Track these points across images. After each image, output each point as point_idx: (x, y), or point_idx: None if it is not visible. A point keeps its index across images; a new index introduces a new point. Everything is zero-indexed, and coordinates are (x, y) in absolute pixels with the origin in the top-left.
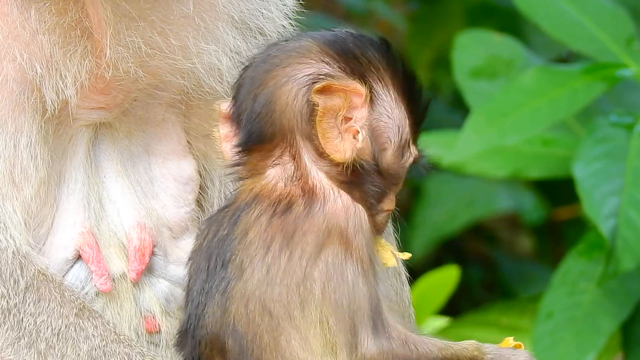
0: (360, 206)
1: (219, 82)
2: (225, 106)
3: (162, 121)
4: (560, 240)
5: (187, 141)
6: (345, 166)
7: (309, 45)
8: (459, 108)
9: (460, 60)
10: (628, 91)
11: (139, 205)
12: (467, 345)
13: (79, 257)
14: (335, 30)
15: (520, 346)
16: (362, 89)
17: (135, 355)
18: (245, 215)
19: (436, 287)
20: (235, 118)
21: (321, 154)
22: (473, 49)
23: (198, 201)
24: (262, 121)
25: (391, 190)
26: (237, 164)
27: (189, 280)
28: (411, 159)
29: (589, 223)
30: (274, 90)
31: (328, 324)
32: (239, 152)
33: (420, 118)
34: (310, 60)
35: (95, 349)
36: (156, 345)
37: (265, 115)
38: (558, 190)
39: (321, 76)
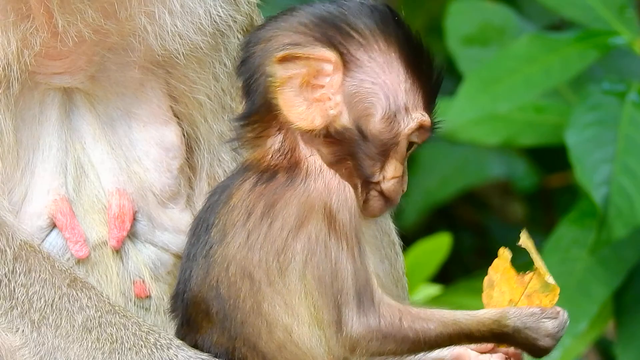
0: (345, 182)
1: (180, 44)
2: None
3: (140, 85)
4: (552, 207)
5: (170, 106)
6: (323, 135)
7: (295, 16)
8: (452, 75)
9: (453, 27)
10: (620, 59)
11: (119, 171)
12: (484, 318)
13: (55, 226)
14: (335, 1)
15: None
16: (330, 55)
17: (132, 325)
18: (233, 182)
19: (428, 255)
20: (243, 90)
21: None
22: (466, 15)
23: (183, 169)
24: (254, 94)
25: (391, 157)
26: (238, 137)
27: (185, 247)
28: (412, 124)
29: (581, 190)
30: (257, 64)
31: (313, 297)
32: (241, 124)
33: (428, 84)
34: (289, 32)
35: (91, 320)
36: (146, 309)
37: (255, 88)
38: (550, 157)
39: (287, 45)
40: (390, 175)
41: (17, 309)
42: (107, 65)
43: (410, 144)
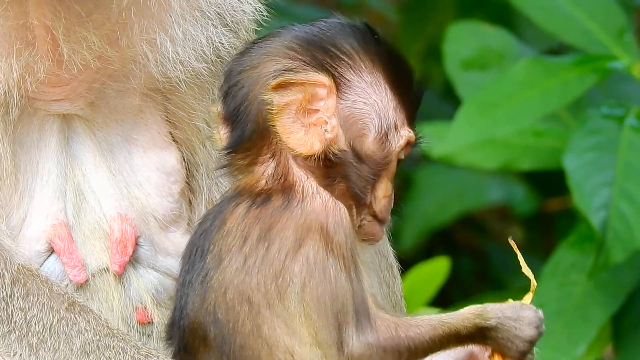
0: (340, 203)
1: (180, 72)
2: (218, 107)
3: (139, 111)
4: (550, 231)
5: (169, 131)
6: (319, 158)
7: (279, 41)
8: (450, 99)
9: (451, 51)
10: (619, 83)
11: (120, 196)
12: (467, 314)
13: (53, 251)
14: (313, 22)
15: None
16: (324, 79)
17: (130, 349)
18: (226, 207)
19: (427, 278)
20: (227, 119)
21: None
22: (464, 40)
23: (184, 192)
24: (244, 121)
25: (382, 176)
26: (228, 164)
27: (179, 274)
28: (402, 142)
29: (580, 215)
30: (247, 91)
31: (312, 319)
32: (229, 152)
33: (411, 100)
34: (278, 57)
35: (89, 343)
36: (148, 336)
37: (245, 116)
38: (549, 181)
39: (281, 72)
40: (381, 195)
41: (15, 332)
42: (106, 92)
43: (399, 161)
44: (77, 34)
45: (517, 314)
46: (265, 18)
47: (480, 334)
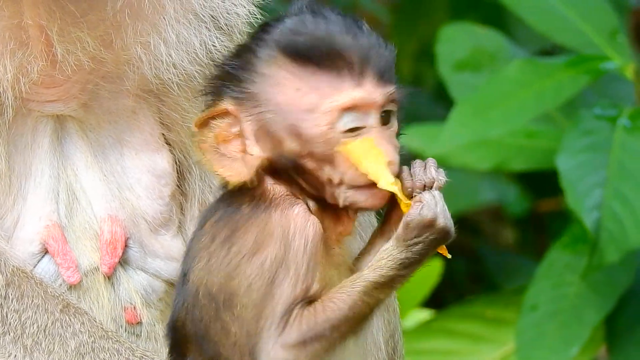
0: (308, 213)
1: (174, 74)
2: None
3: (132, 112)
4: (543, 232)
5: (162, 133)
6: (279, 168)
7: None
8: (443, 100)
9: (444, 53)
10: (612, 84)
11: (111, 197)
12: (380, 266)
13: (46, 252)
14: (239, 47)
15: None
16: (226, 106)
17: (125, 351)
18: (208, 211)
19: (420, 280)
20: None
21: None
22: (457, 41)
23: (175, 195)
24: None
25: (333, 156)
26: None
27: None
28: (326, 118)
29: (573, 215)
30: None
31: (249, 322)
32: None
33: (333, 62)
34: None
35: (84, 345)
36: (137, 336)
37: None
38: (542, 182)
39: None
40: (343, 172)
41: (9, 334)
42: (100, 93)
43: (351, 129)
44: (71, 34)
45: (414, 231)
46: (259, 21)
47: (403, 270)
